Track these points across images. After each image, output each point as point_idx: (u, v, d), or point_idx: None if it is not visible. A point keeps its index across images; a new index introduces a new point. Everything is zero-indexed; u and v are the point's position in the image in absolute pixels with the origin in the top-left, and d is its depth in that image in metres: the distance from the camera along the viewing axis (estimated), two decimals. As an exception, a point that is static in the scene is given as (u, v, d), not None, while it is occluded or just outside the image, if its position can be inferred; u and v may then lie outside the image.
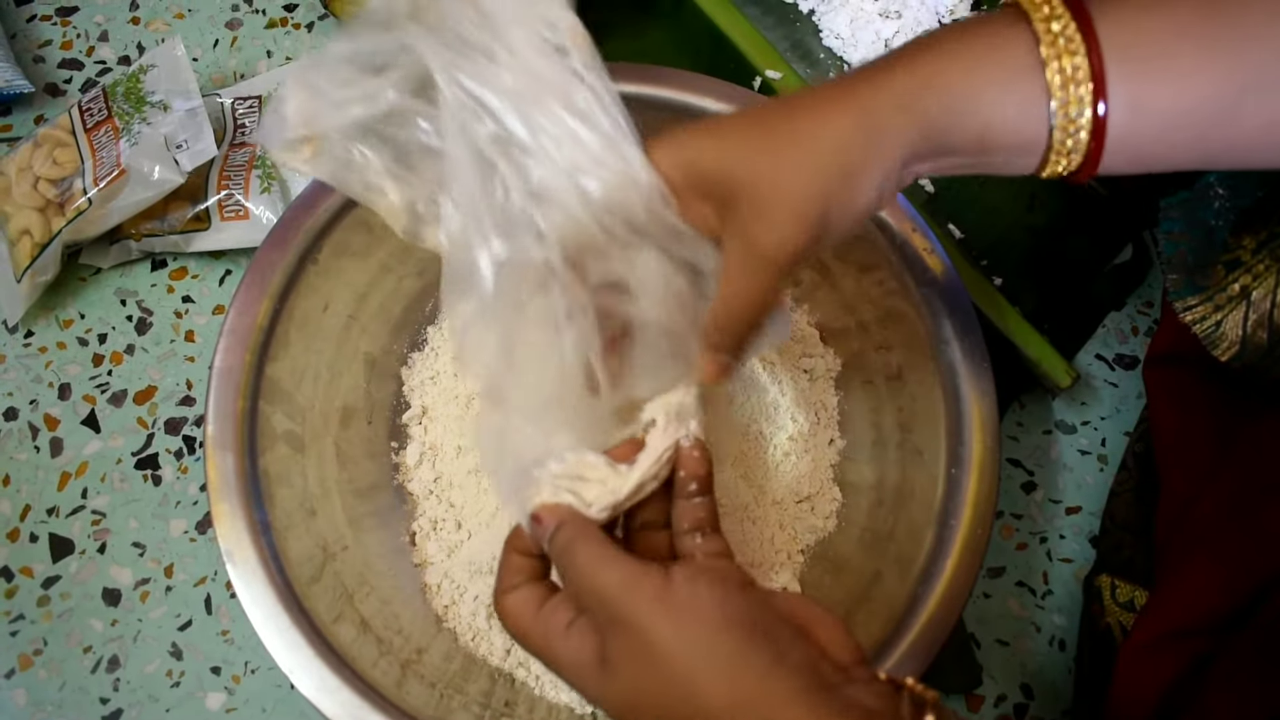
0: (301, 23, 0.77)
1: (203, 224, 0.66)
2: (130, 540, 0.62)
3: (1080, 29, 0.36)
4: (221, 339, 0.53)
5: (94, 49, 0.75)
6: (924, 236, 0.56)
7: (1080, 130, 0.36)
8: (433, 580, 0.57)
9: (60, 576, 0.61)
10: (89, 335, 0.67)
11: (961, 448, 0.53)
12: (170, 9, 0.77)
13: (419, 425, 0.60)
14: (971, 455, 0.53)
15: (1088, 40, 0.36)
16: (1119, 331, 0.69)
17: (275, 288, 0.55)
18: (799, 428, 0.60)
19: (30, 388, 0.65)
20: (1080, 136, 0.37)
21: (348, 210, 0.57)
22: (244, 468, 0.51)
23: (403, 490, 0.59)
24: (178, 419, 0.65)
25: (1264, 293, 0.47)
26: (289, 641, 0.48)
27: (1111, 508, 0.62)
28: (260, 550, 0.50)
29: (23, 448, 0.64)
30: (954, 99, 0.37)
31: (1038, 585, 0.63)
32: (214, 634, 0.60)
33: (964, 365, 0.54)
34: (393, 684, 0.49)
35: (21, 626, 0.60)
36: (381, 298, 0.60)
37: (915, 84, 0.37)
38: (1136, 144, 0.37)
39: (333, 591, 0.52)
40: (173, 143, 0.64)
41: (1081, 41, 0.36)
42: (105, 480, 0.63)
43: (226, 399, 0.52)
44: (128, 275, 0.68)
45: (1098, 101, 0.36)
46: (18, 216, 0.65)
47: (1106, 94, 0.36)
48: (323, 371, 0.57)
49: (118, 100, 0.66)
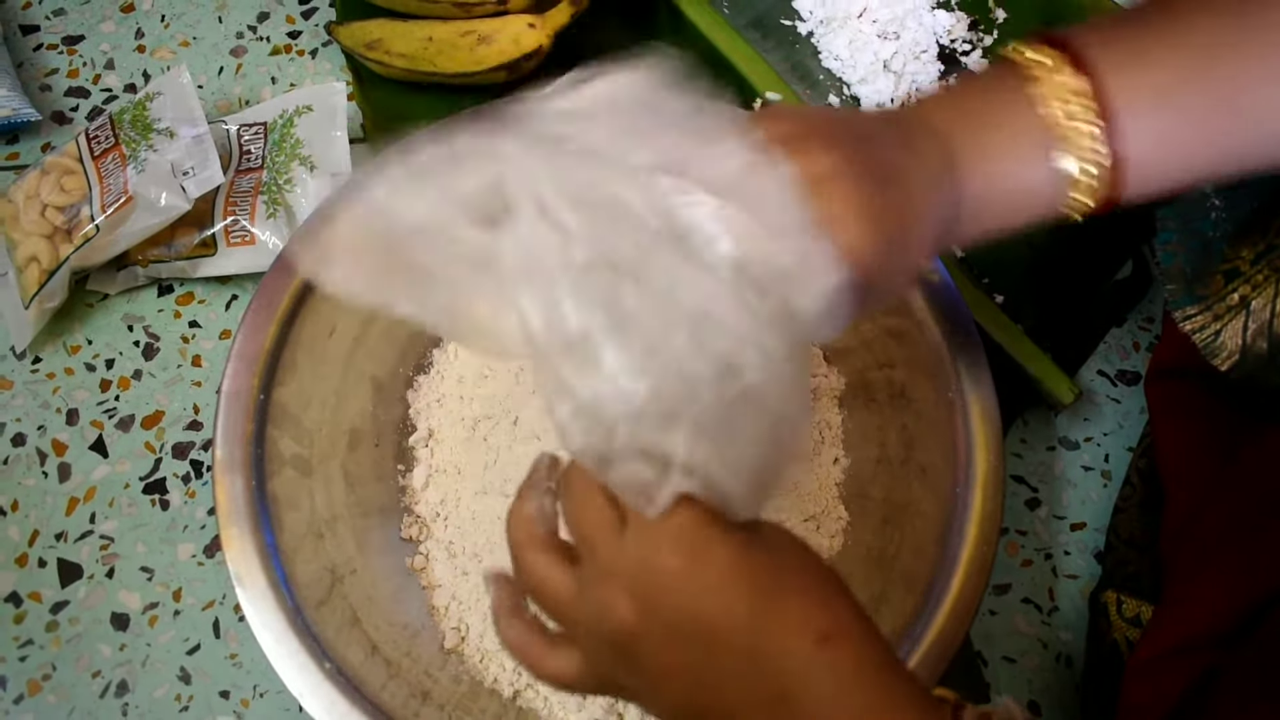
0: (305, 49, 0.77)
1: (209, 250, 0.66)
2: (138, 565, 0.62)
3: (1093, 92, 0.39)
4: (229, 363, 0.54)
5: (100, 77, 0.76)
6: (925, 255, 0.56)
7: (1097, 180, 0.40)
8: (440, 603, 0.57)
9: (69, 601, 0.61)
10: (96, 361, 0.67)
11: (966, 465, 0.53)
12: (175, 37, 0.78)
13: (425, 448, 0.61)
14: (976, 472, 0.53)
15: (1099, 101, 0.39)
16: (1120, 347, 0.69)
17: (282, 312, 0.55)
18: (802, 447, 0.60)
19: (38, 413, 0.66)
20: (1096, 185, 0.40)
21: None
22: (252, 491, 0.52)
23: (410, 512, 0.59)
24: (185, 443, 0.65)
25: (1263, 302, 0.48)
26: (298, 665, 0.48)
27: (1116, 523, 0.62)
28: (269, 573, 0.50)
29: (31, 473, 0.64)
30: (981, 190, 0.40)
31: (1044, 602, 0.63)
32: (222, 658, 0.60)
33: (967, 382, 0.54)
34: (402, 705, 0.49)
35: (30, 652, 0.60)
36: (386, 323, 0.61)
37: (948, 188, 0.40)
38: (1153, 181, 0.41)
39: (341, 614, 0.52)
40: (179, 169, 0.64)
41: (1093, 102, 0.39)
42: (113, 505, 0.63)
43: (235, 423, 0.53)
44: (135, 301, 0.69)
45: (1113, 156, 0.39)
46: (25, 244, 0.65)
47: (1120, 148, 0.39)
48: (329, 395, 0.58)
49: (125, 128, 0.67)
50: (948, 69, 0.75)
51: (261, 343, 0.55)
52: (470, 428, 0.59)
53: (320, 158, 0.68)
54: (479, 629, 0.55)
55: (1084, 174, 0.40)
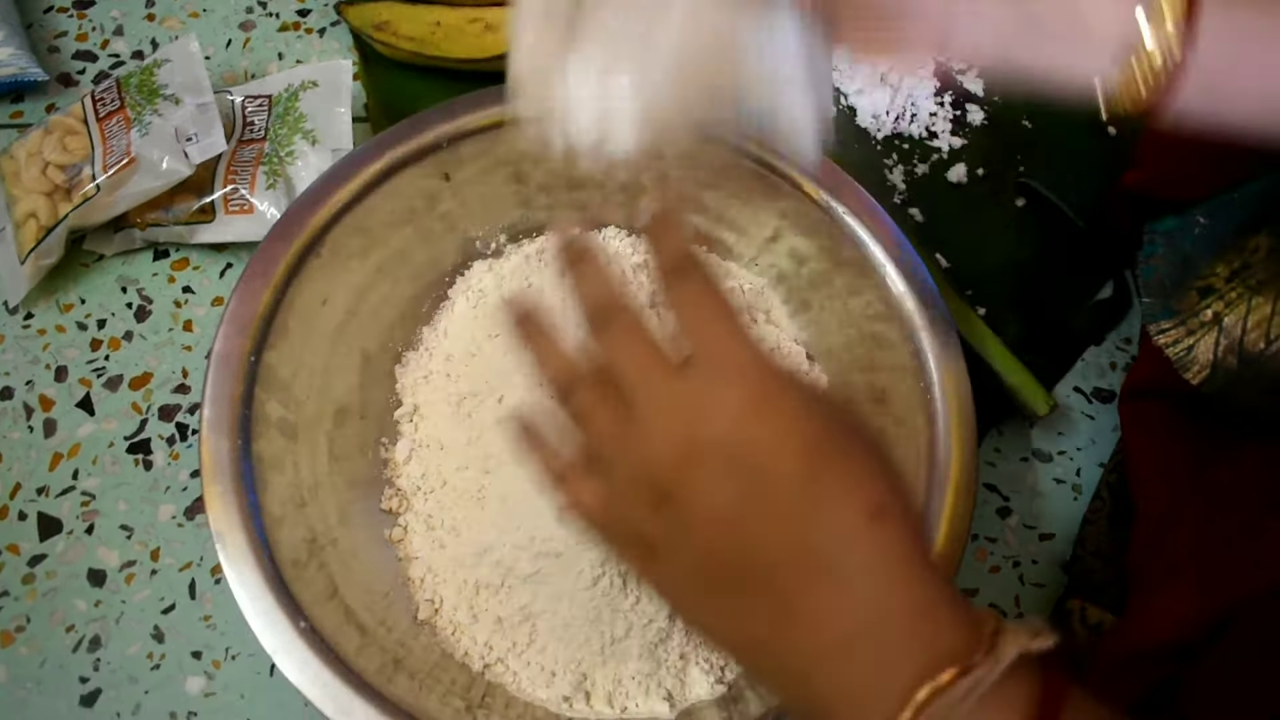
0: (314, 28, 0.78)
1: (207, 216, 0.67)
2: (118, 523, 0.62)
3: None
4: (222, 325, 0.54)
5: (109, 42, 0.77)
6: (911, 264, 0.58)
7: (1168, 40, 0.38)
8: (416, 575, 0.58)
9: (46, 555, 0.62)
10: (88, 320, 0.68)
11: (939, 467, 0.54)
12: (185, 7, 0.79)
13: (410, 422, 0.61)
14: (949, 475, 0.54)
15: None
16: (1098, 366, 0.71)
17: (277, 279, 0.56)
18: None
19: (27, 368, 0.66)
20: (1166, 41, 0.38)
21: (349, 210, 0.58)
22: (237, 451, 0.52)
23: (391, 485, 0.60)
24: (172, 406, 0.66)
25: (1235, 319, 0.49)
26: (273, 623, 0.49)
27: (1084, 535, 0.63)
28: (250, 534, 0.51)
29: (16, 427, 0.64)
30: None
31: (1010, 608, 0.64)
32: (196, 619, 0.61)
33: (945, 388, 0.56)
34: (374, 670, 0.50)
35: (5, 603, 0.60)
36: (378, 297, 0.62)
37: None
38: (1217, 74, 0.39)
39: (319, 580, 0.53)
40: (183, 135, 0.65)
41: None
42: (97, 463, 0.64)
43: (224, 384, 0.53)
44: (130, 263, 0.69)
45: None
46: (25, 200, 0.66)
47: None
48: (318, 365, 0.58)
49: (131, 91, 0.67)
50: (943, 85, 0.76)
51: (255, 308, 0.55)
52: (455, 404, 0.60)
53: (323, 132, 0.69)
54: (453, 602, 0.56)
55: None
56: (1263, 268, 0.49)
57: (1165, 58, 0.38)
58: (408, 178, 0.59)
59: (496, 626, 0.55)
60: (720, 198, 0.63)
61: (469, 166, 0.61)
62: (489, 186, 0.62)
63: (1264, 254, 0.49)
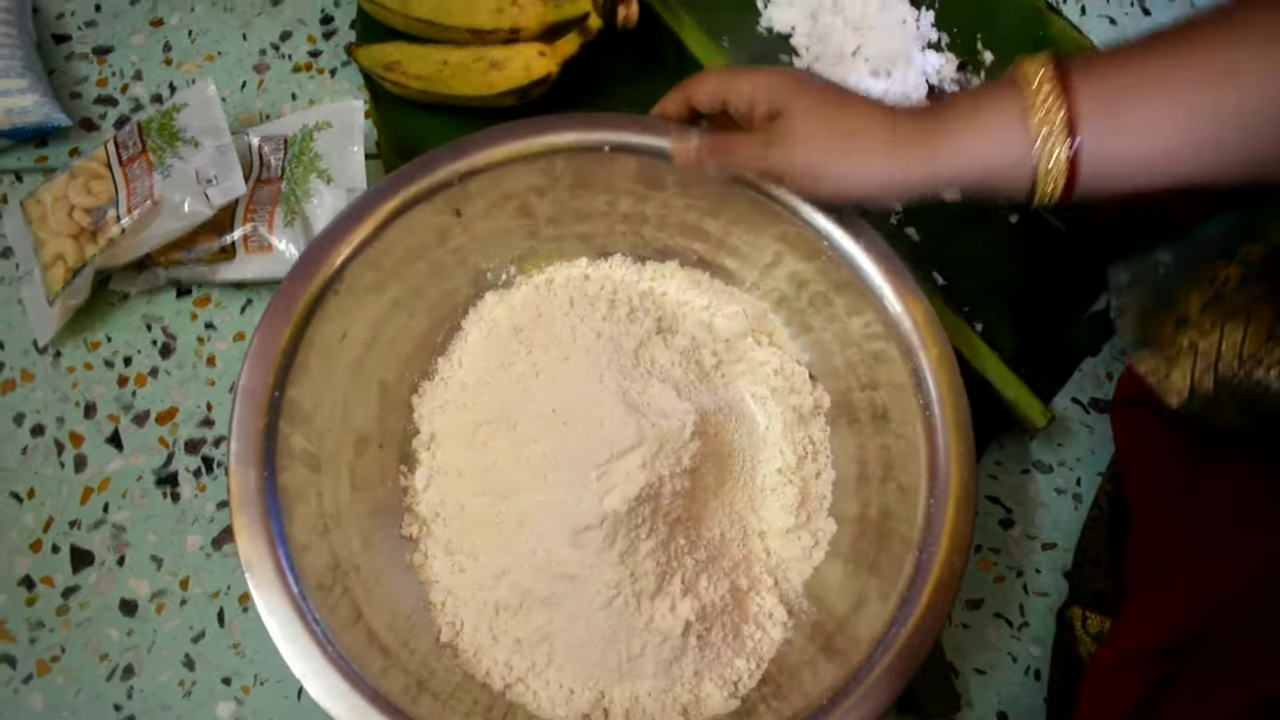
0: (325, 68, 0.81)
1: (228, 255, 0.69)
2: (148, 554, 0.65)
3: (1063, 95, 0.47)
4: (247, 360, 0.56)
5: (128, 87, 0.80)
6: (908, 284, 0.60)
7: (1056, 171, 0.48)
8: (437, 598, 0.59)
9: (79, 587, 0.64)
10: (115, 357, 0.70)
11: (939, 481, 0.56)
12: (201, 52, 0.81)
13: (428, 450, 0.63)
14: (950, 489, 0.56)
15: (1067, 99, 0.47)
16: (1095, 376, 0.72)
17: (298, 315, 0.58)
18: (787, 460, 0.63)
19: (57, 406, 0.68)
20: (1057, 174, 0.48)
21: (365, 247, 0.60)
22: (264, 482, 0.54)
23: (411, 511, 0.62)
24: (197, 439, 0.68)
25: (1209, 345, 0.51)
26: (302, 649, 0.51)
27: (1084, 543, 0.65)
28: (276, 562, 0.53)
29: (48, 463, 0.67)
30: (963, 150, 0.51)
31: (1014, 617, 0.66)
32: (225, 646, 0.63)
33: (944, 403, 0.57)
34: (399, 692, 0.52)
35: (40, 634, 0.63)
36: (394, 330, 0.64)
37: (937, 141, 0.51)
38: (1107, 176, 0.48)
39: (344, 605, 0.55)
40: (203, 177, 0.68)
41: (1061, 101, 0.47)
42: (126, 496, 0.66)
43: (249, 418, 0.55)
44: (154, 302, 0.72)
45: (1072, 146, 0.47)
46: (52, 243, 0.68)
47: (1078, 142, 0.47)
48: (339, 397, 0.60)
49: (152, 135, 0.70)
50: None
51: (277, 344, 0.57)
52: (471, 431, 0.62)
53: (337, 171, 0.71)
54: (473, 624, 0.58)
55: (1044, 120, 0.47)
56: (1234, 297, 0.51)
57: (1056, 182, 0.48)
58: (420, 214, 0.62)
59: (516, 647, 0.57)
60: (721, 225, 0.65)
61: (478, 201, 0.63)
62: (498, 220, 0.65)
63: (1234, 284, 0.51)
